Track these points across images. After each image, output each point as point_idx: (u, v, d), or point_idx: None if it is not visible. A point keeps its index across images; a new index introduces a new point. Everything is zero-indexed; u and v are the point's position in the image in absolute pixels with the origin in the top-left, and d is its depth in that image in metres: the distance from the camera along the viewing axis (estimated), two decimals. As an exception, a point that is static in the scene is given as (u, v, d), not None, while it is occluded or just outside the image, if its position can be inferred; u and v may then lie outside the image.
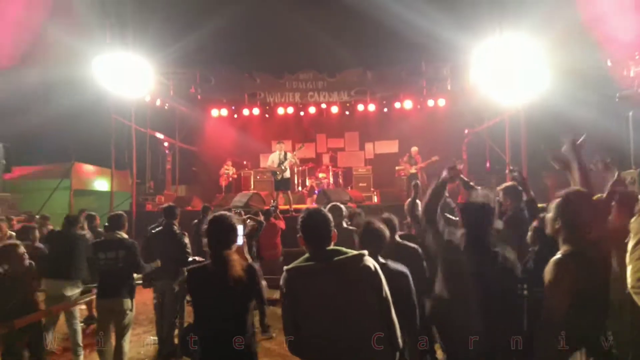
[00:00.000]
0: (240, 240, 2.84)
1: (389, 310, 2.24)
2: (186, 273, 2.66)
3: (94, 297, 5.13)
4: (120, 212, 4.97)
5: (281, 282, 2.23)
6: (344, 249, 2.26)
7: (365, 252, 2.27)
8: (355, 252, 2.23)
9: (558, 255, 2.25)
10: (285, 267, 2.25)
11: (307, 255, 2.27)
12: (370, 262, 2.24)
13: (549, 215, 2.41)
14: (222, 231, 2.64)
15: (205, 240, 2.69)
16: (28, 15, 9.62)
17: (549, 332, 2.16)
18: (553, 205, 2.38)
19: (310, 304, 2.18)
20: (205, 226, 2.68)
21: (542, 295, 2.25)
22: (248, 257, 2.90)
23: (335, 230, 2.34)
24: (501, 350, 2.27)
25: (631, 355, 2.52)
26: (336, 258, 2.19)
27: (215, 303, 2.54)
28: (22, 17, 9.53)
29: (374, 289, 2.21)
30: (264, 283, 2.69)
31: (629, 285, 2.41)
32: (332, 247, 2.28)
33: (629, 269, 2.42)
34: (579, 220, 2.27)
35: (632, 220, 2.57)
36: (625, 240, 2.66)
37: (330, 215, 2.35)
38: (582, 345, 2.18)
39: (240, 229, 2.82)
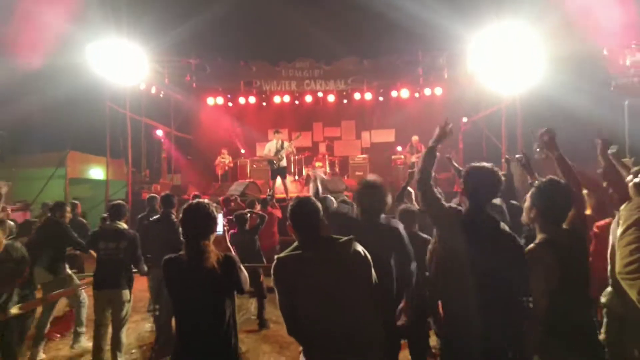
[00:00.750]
0: (220, 229, 2.74)
1: (377, 293, 2.28)
2: (162, 262, 2.54)
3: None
4: (120, 201, 4.92)
5: (272, 270, 2.25)
6: (333, 236, 2.28)
7: (353, 237, 2.28)
8: (344, 238, 2.25)
9: (533, 243, 2.29)
10: (276, 256, 2.28)
11: (296, 243, 2.30)
12: (359, 247, 2.26)
13: (525, 204, 2.43)
14: (198, 220, 2.51)
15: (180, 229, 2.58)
16: (22, 2, 9.50)
17: (532, 319, 2.20)
18: (528, 194, 2.41)
19: (302, 290, 2.20)
20: (180, 215, 2.58)
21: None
22: (230, 247, 2.83)
23: (325, 219, 2.36)
24: (502, 323, 2.23)
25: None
26: (325, 245, 2.23)
27: (191, 294, 2.46)
28: (16, 4, 9.41)
29: (364, 273, 2.24)
30: (244, 273, 2.58)
31: (616, 271, 2.44)
32: (320, 235, 2.30)
33: (617, 255, 2.45)
34: (553, 208, 2.31)
35: (622, 207, 2.60)
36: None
37: (319, 204, 2.36)
38: (571, 334, 2.20)
39: (220, 217, 2.75)
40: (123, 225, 4.66)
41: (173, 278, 2.52)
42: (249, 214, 6.41)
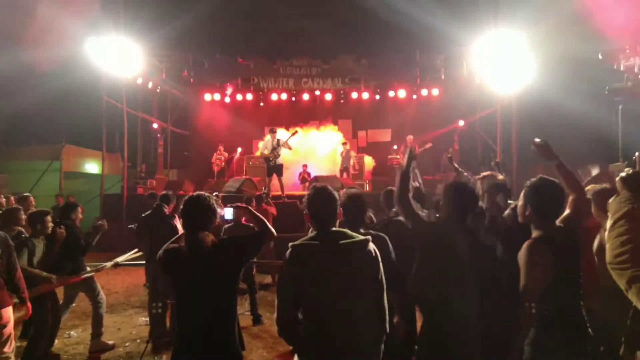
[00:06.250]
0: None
1: (382, 294, 2.29)
2: (160, 252, 2.51)
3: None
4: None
5: (286, 256, 2.21)
6: (349, 232, 2.28)
7: (369, 238, 2.30)
8: (361, 237, 2.26)
9: (530, 239, 2.39)
10: (291, 243, 2.24)
11: (313, 234, 2.28)
12: (372, 247, 2.28)
13: (520, 203, 2.53)
14: (197, 211, 2.51)
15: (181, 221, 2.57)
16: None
17: (526, 311, 2.28)
18: (522, 193, 2.51)
19: (310, 281, 2.18)
20: (181, 207, 2.57)
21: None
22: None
23: (341, 209, 2.37)
24: (485, 326, 2.33)
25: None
26: (343, 241, 2.21)
27: (192, 285, 2.43)
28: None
29: (373, 273, 2.25)
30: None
31: (607, 262, 2.51)
32: (337, 228, 2.29)
33: (607, 246, 2.52)
34: (546, 204, 2.41)
35: (610, 200, 2.66)
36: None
37: (336, 194, 2.34)
38: (563, 328, 2.27)
39: (229, 212, 2.77)
40: None
41: (174, 269, 2.49)
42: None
